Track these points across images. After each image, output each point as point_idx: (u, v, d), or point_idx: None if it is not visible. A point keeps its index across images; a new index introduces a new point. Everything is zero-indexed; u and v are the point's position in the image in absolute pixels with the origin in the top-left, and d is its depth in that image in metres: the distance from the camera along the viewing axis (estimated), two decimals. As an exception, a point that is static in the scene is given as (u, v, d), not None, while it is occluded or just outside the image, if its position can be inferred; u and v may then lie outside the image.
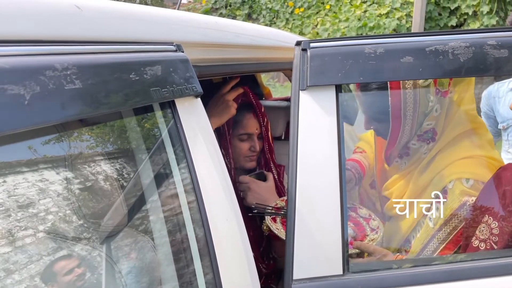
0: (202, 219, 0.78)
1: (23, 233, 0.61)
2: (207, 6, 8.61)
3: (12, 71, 0.50)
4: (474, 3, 6.22)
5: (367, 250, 1.16)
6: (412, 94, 1.17)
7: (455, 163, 1.19)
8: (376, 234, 1.23)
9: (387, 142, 1.27)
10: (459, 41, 0.91)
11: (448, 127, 1.23)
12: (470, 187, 1.13)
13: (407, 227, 1.26)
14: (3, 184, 0.59)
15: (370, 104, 1.27)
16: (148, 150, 0.81)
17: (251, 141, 1.50)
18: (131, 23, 0.79)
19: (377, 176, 1.46)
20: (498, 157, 1.27)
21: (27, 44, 0.56)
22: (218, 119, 1.34)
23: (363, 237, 1.25)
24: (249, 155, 1.50)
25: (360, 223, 1.31)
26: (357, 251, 1.17)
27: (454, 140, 1.22)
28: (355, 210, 1.36)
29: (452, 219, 1.14)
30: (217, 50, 1.06)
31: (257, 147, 1.50)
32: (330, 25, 6.75)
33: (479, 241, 1.05)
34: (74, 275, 0.69)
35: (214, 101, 1.37)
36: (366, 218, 1.33)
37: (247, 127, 1.49)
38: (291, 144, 0.92)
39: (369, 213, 1.34)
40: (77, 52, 0.61)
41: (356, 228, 1.29)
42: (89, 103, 0.58)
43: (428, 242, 1.18)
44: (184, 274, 0.79)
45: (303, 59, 0.94)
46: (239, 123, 1.48)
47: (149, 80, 0.70)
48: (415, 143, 1.25)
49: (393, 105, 1.18)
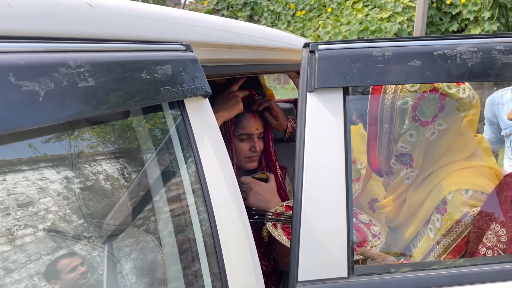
0: (209, 219, 0.78)
1: (40, 231, 0.61)
2: (209, 7, 8.63)
3: (27, 67, 0.50)
4: (476, 9, 6.24)
5: (371, 256, 1.16)
6: (389, 108, 1.17)
7: (453, 174, 1.19)
8: (378, 240, 1.23)
9: (367, 151, 1.27)
10: (467, 45, 0.91)
11: (429, 159, 1.21)
12: (470, 197, 1.14)
13: (408, 236, 1.26)
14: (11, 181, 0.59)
15: (359, 106, 1.26)
16: (156, 149, 0.81)
17: (251, 141, 1.49)
18: (142, 22, 0.79)
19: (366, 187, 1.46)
20: (495, 165, 1.27)
21: (41, 41, 0.55)
22: (227, 113, 1.36)
23: (364, 243, 1.24)
24: (250, 155, 1.50)
25: (361, 229, 1.30)
26: (361, 257, 1.16)
27: (444, 159, 1.21)
28: (355, 216, 1.36)
29: (455, 228, 1.14)
30: (224, 50, 1.07)
31: (257, 147, 1.49)
32: (332, 28, 6.77)
33: (486, 249, 1.05)
34: (78, 273, 0.69)
35: (223, 97, 1.39)
36: (367, 223, 1.32)
37: (247, 128, 1.49)
38: (298, 146, 0.92)
39: (370, 219, 1.33)
40: (90, 49, 0.61)
41: (358, 233, 1.28)
42: (101, 101, 0.58)
43: (430, 251, 1.18)
44: (190, 273, 0.79)
45: (311, 61, 0.94)
46: (238, 123, 1.48)
47: (159, 79, 0.70)
48: (394, 163, 1.25)
49: (371, 113, 1.18)
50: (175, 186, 0.81)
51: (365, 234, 1.28)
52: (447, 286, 0.89)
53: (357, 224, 1.32)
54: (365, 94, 1.20)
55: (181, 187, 0.80)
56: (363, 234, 1.28)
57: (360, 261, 1.17)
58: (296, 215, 0.90)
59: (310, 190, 0.90)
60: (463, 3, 6.35)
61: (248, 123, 1.49)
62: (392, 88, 1.16)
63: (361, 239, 1.26)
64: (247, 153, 1.49)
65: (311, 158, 0.92)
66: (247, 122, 1.49)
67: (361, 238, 1.26)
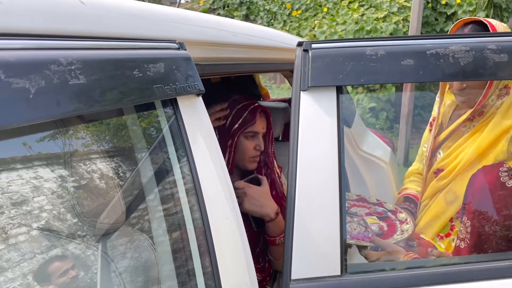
0: (202, 218, 0.78)
1: (40, 230, 0.61)
2: (205, 7, 8.62)
3: (18, 65, 0.49)
4: (471, 9, 6.27)
5: (382, 245, 1.16)
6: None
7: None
8: (407, 224, 1.26)
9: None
10: (460, 45, 0.92)
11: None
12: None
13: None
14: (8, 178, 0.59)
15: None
16: (149, 147, 0.81)
17: (256, 139, 1.49)
18: (134, 19, 0.78)
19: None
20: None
21: (32, 38, 0.55)
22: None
23: (394, 229, 1.26)
24: (254, 155, 1.49)
25: (389, 217, 1.34)
26: (371, 244, 1.17)
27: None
28: (380, 205, 1.40)
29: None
30: (218, 49, 1.06)
31: (262, 146, 1.49)
32: (328, 28, 6.77)
33: (460, 240, 1.08)
34: (71, 272, 0.68)
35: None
36: (393, 211, 1.37)
37: (256, 125, 1.48)
38: (291, 144, 0.92)
39: (395, 207, 1.38)
40: (82, 47, 0.60)
41: (386, 222, 1.31)
42: (93, 99, 0.58)
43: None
44: (183, 273, 0.79)
45: (304, 60, 0.95)
46: (247, 120, 1.47)
47: (152, 77, 0.70)
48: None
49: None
50: (168, 184, 0.81)
51: (393, 222, 1.31)
52: (440, 284, 0.89)
53: (384, 213, 1.35)
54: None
55: (174, 186, 0.80)
56: (390, 222, 1.31)
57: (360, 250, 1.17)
58: (289, 214, 0.90)
59: (303, 189, 0.91)
60: (458, 3, 6.37)
61: (257, 121, 1.48)
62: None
63: (390, 227, 1.28)
64: (252, 152, 1.48)
65: (304, 156, 0.92)
66: (256, 120, 1.48)
67: (389, 225, 1.29)
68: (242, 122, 1.45)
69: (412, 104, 5.23)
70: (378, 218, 1.32)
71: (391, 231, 1.25)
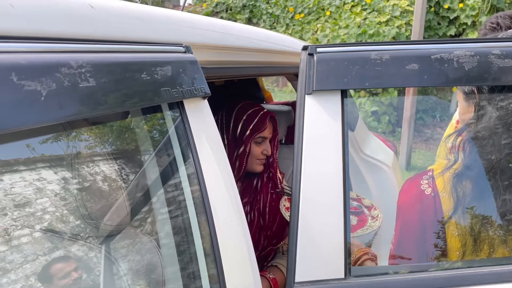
0: (208, 220, 0.79)
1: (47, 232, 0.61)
2: (207, 10, 8.64)
3: (29, 67, 0.50)
4: (473, 14, 6.28)
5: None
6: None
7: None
8: (376, 221, 1.28)
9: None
10: (464, 50, 0.92)
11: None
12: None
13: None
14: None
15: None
16: (155, 150, 0.81)
17: (264, 144, 1.53)
18: (142, 23, 0.79)
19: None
20: None
21: (43, 41, 0.56)
22: None
23: (364, 223, 1.29)
24: (261, 158, 1.54)
25: (364, 213, 1.36)
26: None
27: None
28: (359, 201, 1.42)
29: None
30: (223, 52, 1.07)
31: (269, 151, 1.54)
32: (330, 32, 6.79)
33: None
34: (76, 274, 0.69)
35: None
36: (369, 207, 1.39)
37: (265, 131, 1.52)
38: (296, 148, 0.93)
39: (372, 203, 1.39)
40: (91, 50, 0.61)
41: (359, 217, 1.34)
42: (102, 101, 0.58)
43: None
44: (187, 274, 0.79)
45: (309, 64, 0.95)
46: (258, 127, 1.51)
47: (159, 80, 0.71)
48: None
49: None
50: (174, 187, 0.81)
51: (365, 218, 1.33)
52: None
53: (359, 208, 1.37)
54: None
55: (179, 188, 0.80)
56: (362, 217, 1.33)
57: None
58: (294, 217, 0.90)
59: (307, 192, 0.91)
60: (461, 7, 6.38)
61: (266, 128, 1.52)
62: None
63: (360, 222, 1.31)
64: (260, 156, 1.54)
65: (308, 160, 0.92)
66: (266, 127, 1.51)
67: (360, 220, 1.32)
68: (253, 128, 1.49)
69: (414, 108, 5.23)
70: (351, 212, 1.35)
71: (359, 225, 1.28)
